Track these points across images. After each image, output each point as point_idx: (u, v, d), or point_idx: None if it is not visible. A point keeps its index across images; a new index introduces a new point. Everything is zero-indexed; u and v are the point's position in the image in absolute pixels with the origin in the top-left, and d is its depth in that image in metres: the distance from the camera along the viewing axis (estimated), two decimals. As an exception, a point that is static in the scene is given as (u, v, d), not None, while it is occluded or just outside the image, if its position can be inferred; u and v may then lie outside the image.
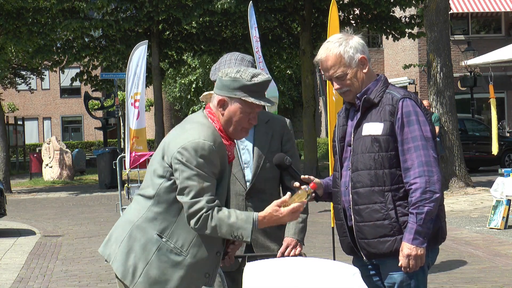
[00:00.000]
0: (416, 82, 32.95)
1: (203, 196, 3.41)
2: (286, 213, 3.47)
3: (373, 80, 3.77)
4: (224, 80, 3.52)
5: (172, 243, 3.49)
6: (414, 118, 3.62)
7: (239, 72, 3.51)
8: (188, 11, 22.76)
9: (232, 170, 4.16)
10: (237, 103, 3.50)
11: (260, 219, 3.46)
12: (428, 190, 3.56)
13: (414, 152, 3.60)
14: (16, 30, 23.13)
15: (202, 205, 3.40)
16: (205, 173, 3.41)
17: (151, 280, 3.49)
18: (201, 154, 3.42)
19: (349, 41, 3.72)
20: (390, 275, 3.69)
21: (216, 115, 3.56)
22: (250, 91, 3.49)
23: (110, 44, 24.47)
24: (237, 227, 3.41)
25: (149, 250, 3.50)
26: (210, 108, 3.59)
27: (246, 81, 3.48)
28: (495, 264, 8.86)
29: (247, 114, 3.52)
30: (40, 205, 18.97)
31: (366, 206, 3.66)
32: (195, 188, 3.41)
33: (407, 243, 3.55)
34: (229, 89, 3.50)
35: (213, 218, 3.40)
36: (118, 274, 3.57)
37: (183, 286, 3.50)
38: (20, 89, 40.64)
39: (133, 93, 12.24)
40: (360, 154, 3.69)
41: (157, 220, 3.51)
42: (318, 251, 9.64)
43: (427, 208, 3.54)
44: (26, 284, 8.67)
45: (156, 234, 3.49)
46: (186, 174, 3.42)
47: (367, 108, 3.71)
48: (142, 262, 3.50)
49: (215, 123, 3.55)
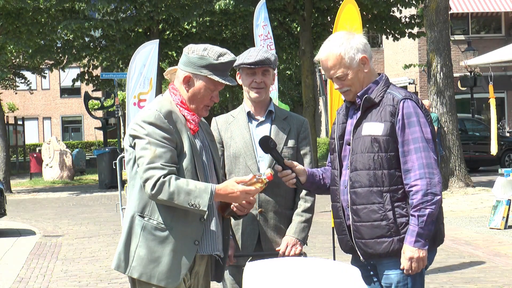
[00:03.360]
0: (416, 82, 32.95)
1: (157, 162, 3.44)
2: (240, 191, 3.51)
3: (374, 79, 3.76)
4: (190, 57, 3.57)
5: (154, 220, 3.52)
6: (415, 120, 3.61)
7: (206, 50, 3.55)
8: (187, 11, 22.77)
9: (247, 162, 4.23)
10: (201, 81, 3.58)
11: (217, 191, 3.49)
12: (430, 192, 3.55)
13: (415, 153, 3.59)
14: (16, 30, 23.13)
15: (157, 170, 3.43)
16: (156, 140, 3.47)
17: (144, 262, 3.52)
18: (148, 122, 3.49)
19: (350, 41, 3.70)
20: (387, 275, 3.69)
21: (179, 90, 3.63)
22: (215, 69, 3.55)
23: (110, 44, 24.47)
24: (195, 195, 3.44)
25: (135, 233, 3.54)
26: (173, 84, 3.66)
27: (213, 59, 3.54)
28: (495, 264, 8.86)
29: (210, 91, 3.60)
30: (40, 205, 18.96)
31: (364, 206, 3.65)
32: (148, 155, 3.46)
33: (409, 245, 3.55)
34: (195, 66, 3.56)
35: (171, 184, 3.43)
36: (112, 266, 3.61)
37: (175, 259, 3.52)
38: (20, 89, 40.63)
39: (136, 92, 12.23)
40: (359, 154, 3.68)
41: (135, 201, 3.56)
42: (318, 251, 9.64)
43: (429, 210, 3.54)
44: (26, 284, 8.67)
45: (137, 214, 3.54)
46: (139, 145, 3.49)
47: (368, 107, 3.70)
48: (132, 247, 3.54)
49: (176, 97, 3.61)
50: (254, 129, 4.33)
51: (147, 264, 3.51)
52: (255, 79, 4.24)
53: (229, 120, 4.37)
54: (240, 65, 4.24)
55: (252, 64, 4.20)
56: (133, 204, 3.57)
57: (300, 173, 3.84)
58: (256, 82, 4.25)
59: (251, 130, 4.32)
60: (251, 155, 4.25)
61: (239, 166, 4.27)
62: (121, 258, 3.56)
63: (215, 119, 4.45)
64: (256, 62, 4.20)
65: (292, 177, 3.80)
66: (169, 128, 3.50)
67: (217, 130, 4.36)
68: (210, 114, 30.36)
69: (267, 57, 4.22)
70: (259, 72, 4.23)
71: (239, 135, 4.30)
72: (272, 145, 3.78)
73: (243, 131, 4.31)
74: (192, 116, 3.61)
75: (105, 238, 12.14)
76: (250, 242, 4.25)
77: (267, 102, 4.35)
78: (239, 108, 4.42)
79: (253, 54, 4.22)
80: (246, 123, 4.33)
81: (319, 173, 3.95)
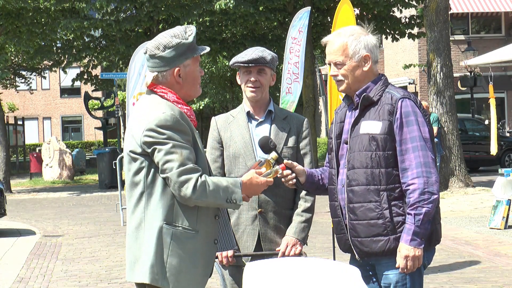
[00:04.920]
0: (416, 82, 32.95)
1: (189, 164, 3.35)
2: (262, 183, 3.51)
3: (374, 79, 3.76)
4: (166, 54, 3.46)
5: (180, 226, 3.43)
6: (413, 119, 3.62)
7: (174, 37, 3.47)
8: (187, 11, 22.77)
9: (246, 162, 4.22)
10: (189, 65, 3.51)
11: (244, 184, 3.47)
12: (427, 191, 3.55)
13: (413, 152, 3.59)
14: (16, 30, 23.13)
15: (192, 172, 3.34)
16: (180, 142, 3.37)
17: (177, 270, 3.42)
18: (166, 126, 3.37)
19: (361, 36, 3.73)
20: (386, 275, 3.69)
21: (169, 89, 3.52)
22: (192, 47, 3.50)
23: (110, 44, 24.47)
24: (231, 190, 3.40)
25: (165, 242, 3.42)
26: (159, 87, 3.52)
27: (186, 40, 3.48)
28: (495, 264, 8.86)
29: (197, 68, 3.57)
30: (40, 205, 18.96)
31: (361, 204, 3.66)
32: (177, 159, 3.35)
33: (405, 244, 3.55)
34: (177, 57, 3.47)
35: (209, 183, 3.36)
36: (146, 280, 3.43)
37: (204, 261, 3.47)
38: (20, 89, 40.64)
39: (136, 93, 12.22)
40: (357, 152, 3.68)
41: (158, 211, 3.44)
42: (318, 251, 9.64)
43: (426, 209, 3.54)
44: (26, 284, 8.67)
45: (164, 223, 3.42)
46: (163, 151, 3.36)
47: (366, 106, 3.71)
48: (164, 257, 3.42)
49: (170, 95, 3.52)
50: (253, 129, 4.32)
51: (180, 271, 3.42)
52: (250, 77, 4.23)
53: (229, 119, 4.36)
54: (235, 64, 4.24)
55: (246, 63, 4.19)
56: (156, 214, 3.43)
57: (299, 174, 3.84)
58: (250, 81, 4.24)
59: (250, 130, 4.31)
60: (250, 155, 4.25)
61: (238, 166, 4.26)
62: (155, 271, 3.41)
63: (214, 119, 4.44)
64: (249, 60, 4.19)
65: (292, 178, 3.80)
66: (187, 130, 3.43)
67: (217, 130, 4.35)
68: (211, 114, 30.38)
69: (261, 56, 4.21)
70: (254, 71, 4.22)
71: (238, 135, 4.30)
72: (271, 145, 3.78)
73: (243, 131, 4.30)
74: (190, 111, 3.56)
75: (105, 238, 12.14)
76: (250, 243, 4.25)
77: (267, 102, 4.34)
78: (239, 108, 4.41)
79: (248, 53, 4.22)
80: (245, 123, 4.32)
81: (317, 173, 3.96)
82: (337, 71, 3.74)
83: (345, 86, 3.75)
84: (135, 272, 3.47)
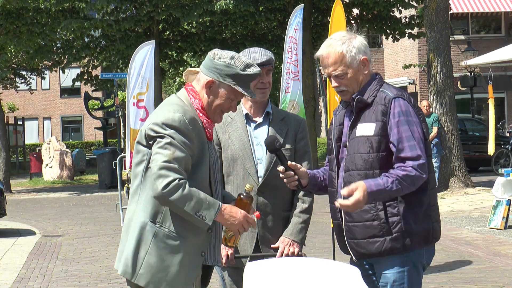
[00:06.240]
0: (416, 82, 32.95)
1: (175, 164, 3.34)
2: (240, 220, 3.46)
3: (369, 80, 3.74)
4: (216, 63, 3.49)
5: (166, 228, 3.44)
6: (406, 119, 3.60)
7: (233, 59, 3.49)
8: (187, 11, 22.77)
9: (245, 165, 4.20)
10: (224, 89, 3.50)
11: (222, 210, 3.42)
12: (411, 180, 3.50)
13: (410, 151, 3.56)
14: (16, 30, 23.14)
15: (174, 172, 3.33)
16: (178, 143, 3.37)
17: (153, 270, 3.44)
18: (171, 125, 3.40)
19: (352, 41, 3.69)
20: (384, 274, 3.69)
21: (198, 94, 3.54)
22: (240, 80, 3.48)
23: (110, 44, 24.47)
24: (205, 207, 3.36)
25: (146, 239, 3.44)
26: (192, 86, 3.57)
27: (240, 70, 3.47)
28: (495, 264, 8.86)
29: (230, 100, 3.54)
30: (40, 205, 18.96)
31: None
32: (167, 154, 3.36)
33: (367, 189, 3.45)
34: (220, 73, 3.48)
35: (186, 188, 3.33)
36: (119, 271, 3.52)
37: (184, 270, 3.46)
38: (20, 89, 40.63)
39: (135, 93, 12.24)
40: (352, 155, 3.68)
41: (147, 206, 3.45)
42: (318, 251, 9.64)
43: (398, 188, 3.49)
44: (26, 284, 8.67)
45: (149, 220, 3.44)
46: (159, 144, 3.39)
47: (361, 108, 3.69)
48: (141, 253, 3.45)
49: (196, 101, 3.52)
50: (252, 131, 4.31)
51: (156, 272, 3.43)
52: (262, 79, 4.21)
53: (227, 121, 4.33)
54: None
55: (261, 65, 4.15)
56: (144, 209, 3.46)
57: (302, 176, 3.83)
58: (262, 83, 4.22)
59: (249, 132, 4.30)
60: (249, 158, 4.23)
61: (237, 168, 4.26)
62: (128, 264, 3.46)
63: None
64: (263, 62, 4.17)
65: (294, 179, 3.79)
66: (192, 136, 3.43)
67: (215, 132, 4.33)
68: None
69: (270, 56, 4.23)
70: (264, 72, 4.20)
71: (237, 137, 4.28)
72: (277, 145, 3.78)
73: (241, 133, 4.28)
74: (209, 124, 3.54)
75: (105, 238, 12.14)
76: (248, 245, 4.25)
77: (265, 103, 4.33)
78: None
79: (258, 55, 4.18)
80: (244, 125, 4.30)
81: (320, 174, 3.95)
82: (339, 82, 3.71)
83: (349, 95, 3.73)
84: (119, 262, 3.54)
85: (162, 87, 30.54)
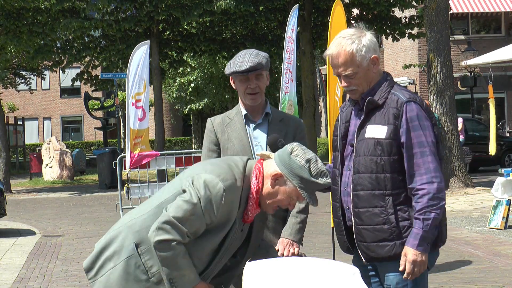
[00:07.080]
0: (416, 82, 32.95)
1: (185, 227, 3.29)
2: None
3: (379, 80, 3.71)
4: (292, 160, 3.40)
5: (143, 259, 3.38)
6: (419, 123, 3.57)
7: (309, 162, 3.40)
8: (187, 11, 22.78)
9: None
10: (289, 187, 3.42)
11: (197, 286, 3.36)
12: (436, 197, 3.52)
13: (421, 158, 3.54)
14: (17, 30, 23.14)
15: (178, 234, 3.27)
16: (201, 208, 3.31)
17: (108, 284, 3.41)
18: (209, 191, 3.32)
19: (362, 39, 3.64)
20: (387, 277, 3.68)
21: (263, 178, 3.46)
22: (307, 185, 3.40)
23: (110, 44, 24.48)
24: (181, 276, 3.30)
25: (121, 255, 3.41)
26: (262, 167, 3.48)
27: (311, 176, 3.39)
28: (495, 264, 8.86)
29: (290, 199, 3.47)
30: (40, 205, 18.96)
31: (366, 209, 3.63)
32: (182, 213, 3.29)
33: (412, 248, 3.51)
34: (291, 171, 3.39)
35: (176, 249, 3.27)
36: (84, 264, 3.52)
37: None
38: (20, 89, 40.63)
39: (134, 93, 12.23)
40: (362, 157, 3.64)
41: (143, 230, 3.40)
42: (318, 251, 9.64)
43: (434, 215, 3.51)
44: (26, 284, 8.67)
45: (133, 243, 3.41)
46: (186, 198, 3.33)
47: (371, 109, 3.66)
48: (109, 264, 3.44)
49: (256, 182, 3.44)
50: (251, 132, 4.30)
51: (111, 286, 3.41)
52: (249, 85, 4.18)
53: (226, 121, 4.32)
54: (233, 73, 4.18)
55: (245, 72, 4.13)
56: (141, 228, 3.41)
57: None
58: (250, 88, 4.20)
59: (248, 132, 4.29)
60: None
61: None
62: (94, 266, 3.47)
63: (210, 120, 4.41)
64: (248, 69, 4.12)
65: None
66: (219, 209, 3.33)
67: (213, 132, 4.32)
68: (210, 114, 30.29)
69: (258, 62, 4.14)
70: (252, 78, 4.17)
71: (236, 138, 4.27)
72: (280, 145, 3.77)
73: (241, 133, 4.27)
74: (254, 210, 3.46)
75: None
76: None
77: (263, 104, 4.32)
78: (235, 109, 4.37)
79: (244, 60, 4.14)
80: (243, 125, 4.29)
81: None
82: (349, 81, 3.67)
83: (359, 94, 3.70)
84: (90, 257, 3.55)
85: (162, 87, 30.52)
